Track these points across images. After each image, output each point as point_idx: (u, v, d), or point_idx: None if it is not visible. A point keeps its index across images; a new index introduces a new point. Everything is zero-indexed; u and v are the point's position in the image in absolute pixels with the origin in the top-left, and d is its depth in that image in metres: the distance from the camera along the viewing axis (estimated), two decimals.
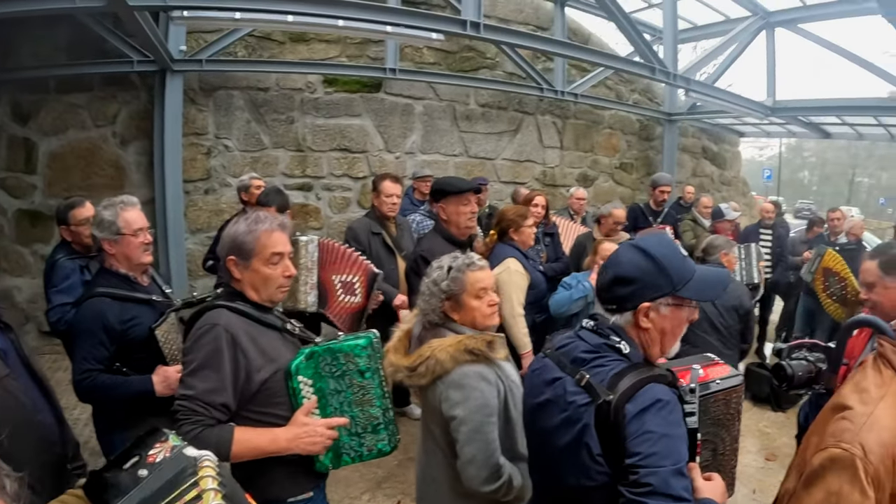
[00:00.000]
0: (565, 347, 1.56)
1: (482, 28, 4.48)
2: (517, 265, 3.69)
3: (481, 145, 7.63)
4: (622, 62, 6.00)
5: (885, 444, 1.16)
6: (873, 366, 1.37)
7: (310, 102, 6.32)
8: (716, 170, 11.54)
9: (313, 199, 6.51)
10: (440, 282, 2.10)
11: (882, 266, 2.49)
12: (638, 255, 1.49)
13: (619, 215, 4.97)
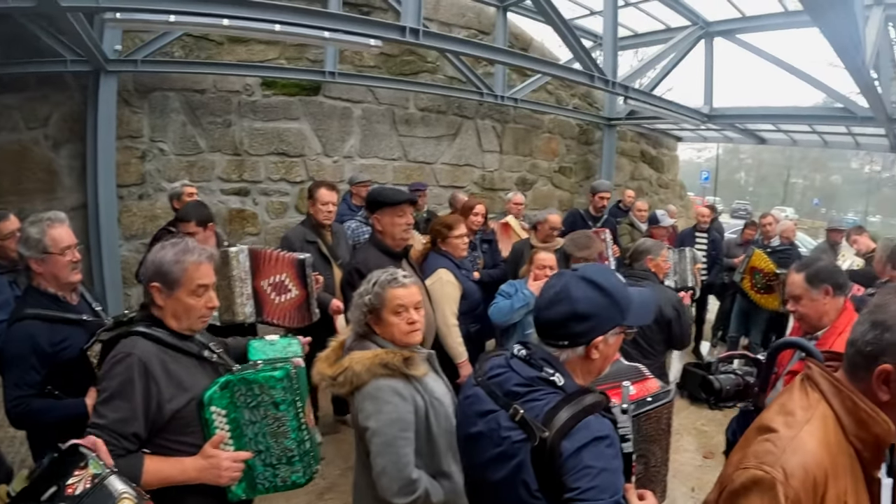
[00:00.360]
0: (498, 378, 1.59)
1: (421, 34, 4.56)
2: (448, 276, 3.83)
3: (420, 149, 7.77)
4: (561, 69, 6.23)
5: (807, 468, 1.19)
6: (800, 388, 1.40)
7: (247, 105, 6.32)
8: (654, 173, 12.09)
9: (250, 204, 6.54)
10: (364, 295, 2.21)
11: (808, 279, 2.66)
12: (592, 290, 1.53)
13: (555, 221, 5.13)
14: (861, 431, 1.24)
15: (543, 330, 1.58)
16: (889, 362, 1.21)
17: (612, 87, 6.23)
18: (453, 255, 4.02)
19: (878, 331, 1.23)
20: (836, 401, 1.28)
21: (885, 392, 1.23)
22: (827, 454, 1.22)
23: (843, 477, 1.23)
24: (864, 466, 1.26)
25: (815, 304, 2.65)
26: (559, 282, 1.58)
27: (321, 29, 4.32)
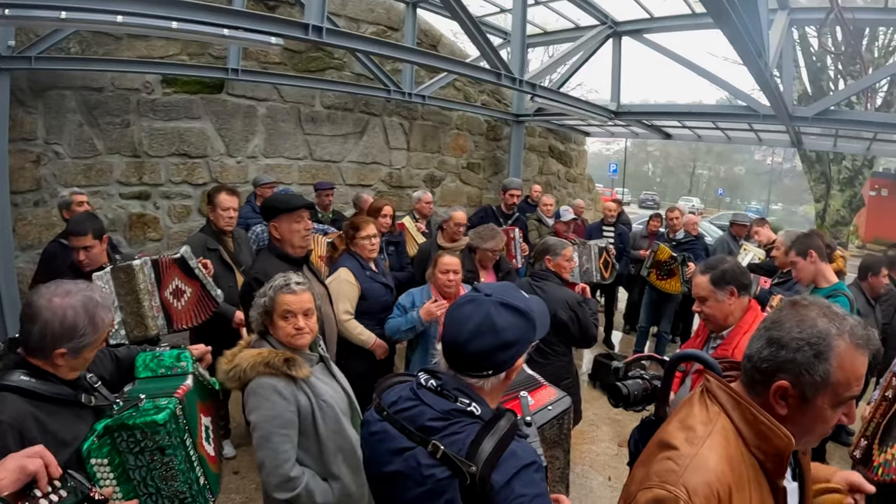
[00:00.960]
0: (408, 412, 1.57)
1: (325, 33, 4.66)
2: (347, 275, 4.08)
3: (326, 148, 7.97)
4: (468, 67, 6.50)
5: (710, 484, 1.25)
6: (700, 401, 1.45)
7: (147, 104, 6.26)
8: (562, 168, 12.81)
9: (151, 208, 6.48)
10: (262, 297, 2.46)
11: (713, 281, 2.84)
12: (514, 315, 1.56)
13: (460, 218, 5.40)
14: (762, 444, 1.33)
15: (466, 364, 1.57)
16: (785, 379, 1.30)
17: (518, 85, 6.50)
18: (361, 256, 4.24)
19: (774, 348, 1.33)
20: (736, 414, 1.37)
21: (783, 406, 1.33)
22: (729, 468, 1.29)
23: (748, 488, 1.31)
24: (768, 476, 1.35)
25: (720, 305, 2.84)
26: (478, 311, 1.56)
27: (220, 26, 4.35)
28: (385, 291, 4.34)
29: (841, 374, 1.28)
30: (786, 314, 1.36)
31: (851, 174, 14.02)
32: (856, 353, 1.29)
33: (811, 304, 1.36)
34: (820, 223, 14.89)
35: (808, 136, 9.83)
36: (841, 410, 1.33)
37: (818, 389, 1.29)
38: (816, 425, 1.34)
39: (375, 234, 4.31)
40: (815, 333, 1.29)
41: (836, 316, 1.32)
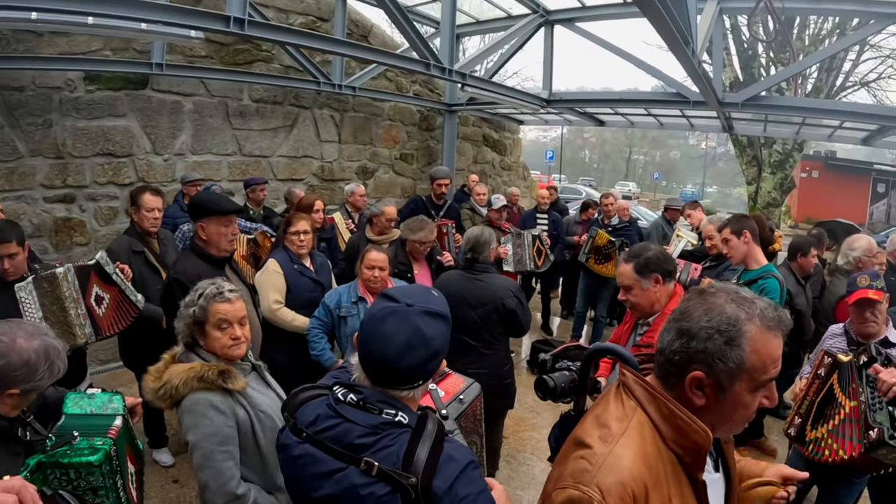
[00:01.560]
0: (331, 431, 1.57)
1: (247, 25, 4.67)
2: (274, 265, 4.30)
3: (256, 142, 8.06)
4: (397, 58, 6.65)
5: (624, 484, 1.28)
6: (615, 396, 1.49)
7: (70, 102, 6.25)
8: (497, 156, 13.24)
9: (77, 211, 6.43)
10: (190, 307, 2.40)
11: (637, 269, 2.98)
12: (439, 322, 1.61)
13: (391, 213, 5.60)
14: (679, 438, 1.36)
15: (396, 379, 1.59)
16: (699, 369, 1.34)
17: (448, 75, 6.68)
18: (293, 252, 4.43)
19: (685, 339, 1.36)
20: (652, 408, 1.41)
21: (700, 397, 1.36)
22: (644, 466, 1.32)
23: (666, 484, 1.34)
24: (687, 470, 1.38)
25: (645, 293, 2.99)
26: (405, 325, 1.57)
27: (137, 20, 4.34)
28: (313, 287, 4.48)
29: (755, 358, 1.32)
30: (693, 303, 1.41)
31: (782, 157, 14.93)
32: (768, 335, 1.34)
33: (718, 291, 1.41)
34: (752, 205, 15.84)
35: (738, 121, 10.38)
36: (761, 394, 1.37)
37: (734, 376, 1.33)
38: (737, 412, 1.38)
39: (306, 230, 4.46)
40: (725, 320, 1.34)
41: (744, 300, 1.37)
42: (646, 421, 1.40)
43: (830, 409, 3.04)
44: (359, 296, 4.12)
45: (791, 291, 4.91)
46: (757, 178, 15.61)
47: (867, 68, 18.74)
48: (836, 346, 3.54)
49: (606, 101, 9.81)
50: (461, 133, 11.67)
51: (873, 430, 2.78)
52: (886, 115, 7.60)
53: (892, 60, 17.83)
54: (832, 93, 16.83)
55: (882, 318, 3.34)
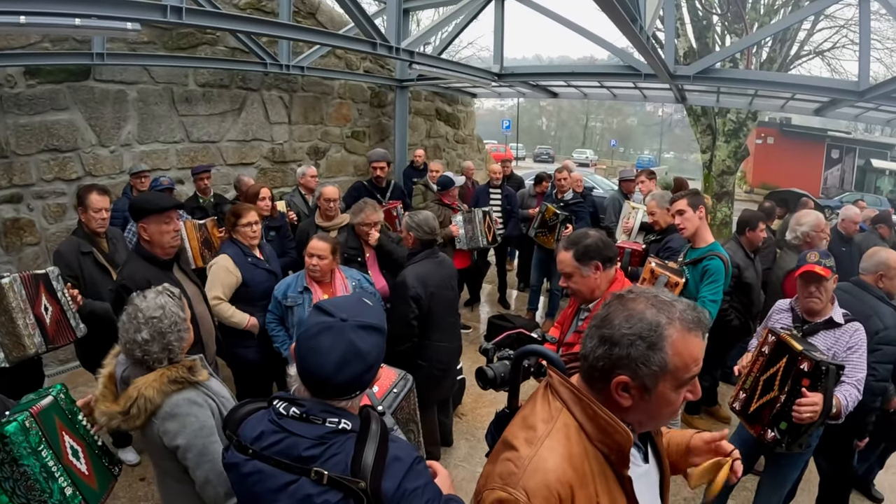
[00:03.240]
0: (277, 446, 1.67)
1: (185, 13, 4.69)
2: (226, 261, 4.37)
3: (204, 128, 8.06)
4: (343, 39, 6.61)
5: (549, 486, 1.35)
6: (542, 397, 1.56)
7: (10, 99, 6.15)
8: (450, 130, 13.44)
9: (25, 210, 6.37)
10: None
11: (576, 257, 3.04)
12: (373, 334, 1.73)
13: (329, 193, 5.62)
14: (604, 438, 1.43)
15: (334, 392, 1.70)
16: (624, 374, 1.40)
17: (396, 54, 6.76)
18: (243, 244, 4.52)
19: (607, 346, 1.41)
20: (577, 409, 1.47)
21: (626, 399, 1.43)
22: (570, 466, 1.40)
23: (592, 482, 1.42)
24: (613, 467, 1.46)
25: (586, 280, 3.06)
26: (340, 341, 1.67)
27: (71, 16, 4.33)
28: (268, 277, 4.58)
29: (678, 359, 1.39)
30: (614, 310, 1.46)
31: (736, 126, 15.34)
32: (689, 336, 1.41)
33: (637, 296, 1.47)
34: (707, 173, 16.32)
35: (691, 92, 10.64)
36: (685, 390, 1.45)
37: (658, 378, 1.39)
38: (662, 409, 1.45)
39: (256, 220, 4.57)
40: (646, 326, 1.39)
41: (664, 304, 1.43)
42: (571, 422, 1.47)
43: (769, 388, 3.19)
44: (304, 286, 4.27)
45: (740, 265, 5.22)
46: (711, 146, 16.05)
47: (822, 38, 19.41)
48: (781, 322, 3.67)
49: (558, 74, 9.94)
50: (413, 108, 11.84)
51: (770, 432, 3.07)
52: (836, 88, 7.85)
53: (847, 30, 18.47)
54: (787, 62, 17.36)
55: (826, 297, 3.44)
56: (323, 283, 4.31)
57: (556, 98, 12.55)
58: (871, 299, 3.78)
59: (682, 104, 12.33)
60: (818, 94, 8.60)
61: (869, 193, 31.29)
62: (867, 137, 36.98)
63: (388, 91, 11.18)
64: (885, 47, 20.70)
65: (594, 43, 8.36)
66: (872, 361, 3.45)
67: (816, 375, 2.93)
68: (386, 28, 6.80)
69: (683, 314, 1.42)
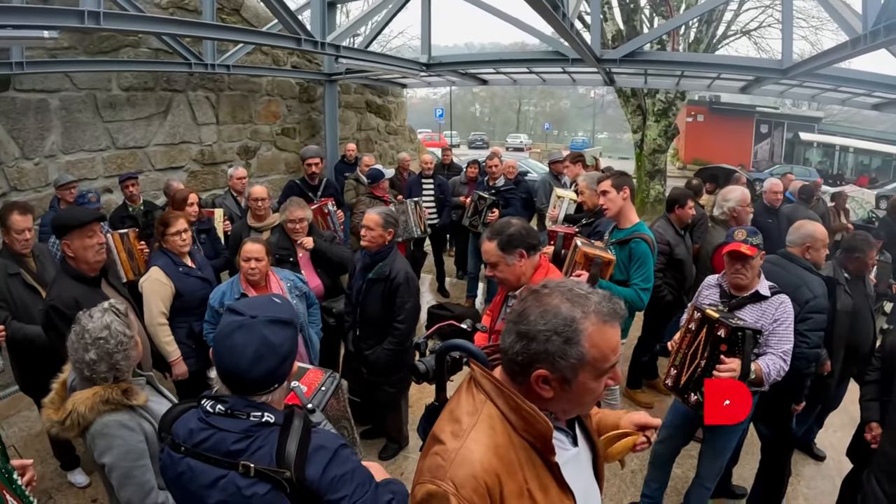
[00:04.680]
0: (207, 442, 1.78)
1: (103, 18, 4.66)
2: (158, 273, 4.36)
3: (130, 134, 7.98)
4: (266, 36, 6.75)
5: (476, 476, 1.41)
6: (467, 390, 1.61)
7: None
8: (381, 121, 13.64)
9: None
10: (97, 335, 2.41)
11: (501, 246, 3.13)
12: (284, 328, 1.85)
13: (257, 193, 5.69)
14: (528, 427, 1.49)
15: (251, 387, 1.82)
16: (543, 367, 1.45)
17: (321, 49, 6.82)
18: (173, 253, 4.51)
19: (525, 342, 1.46)
20: (500, 401, 1.53)
21: (547, 391, 1.49)
22: (495, 457, 1.45)
23: (520, 470, 1.48)
24: (540, 454, 1.52)
25: (511, 269, 3.16)
26: (252, 337, 1.79)
27: None
28: (202, 285, 4.60)
29: (595, 351, 1.44)
30: (529, 305, 1.50)
31: (665, 106, 15.93)
32: (605, 328, 1.45)
33: (552, 291, 1.51)
34: (639, 152, 16.93)
35: (619, 74, 10.93)
36: (606, 377, 1.51)
37: (576, 370, 1.44)
38: (584, 398, 1.52)
39: (185, 228, 4.56)
40: (561, 321, 1.43)
41: (579, 298, 1.48)
42: (495, 413, 1.52)
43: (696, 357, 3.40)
44: (241, 291, 4.29)
45: (671, 242, 5.51)
46: (642, 126, 16.64)
47: (749, 17, 20.37)
48: (710, 298, 3.83)
49: (487, 62, 10.17)
50: (343, 101, 11.96)
51: (693, 395, 3.33)
52: (760, 67, 8.34)
53: (772, 10, 19.35)
54: (714, 43, 18.09)
55: (752, 274, 3.60)
56: (259, 286, 4.35)
57: (486, 85, 12.83)
58: (799, 270, 3.96)
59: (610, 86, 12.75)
60: (743, 73, 9.04)
61: (798, 165, 32.98)
62: (794, 112, 38.95)
63: (316, 86, 11.29)
64: (811, 26, 21.89)
65: (522, 30, 8.63)
66: (804, 329, 3.67)
67: (733, 341, 3.16)
68: (311, 22, 6.84)
69: (599, 307, 1.47)
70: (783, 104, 37.92)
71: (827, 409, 5.07)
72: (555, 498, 1.52)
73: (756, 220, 6.69)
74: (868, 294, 4.74)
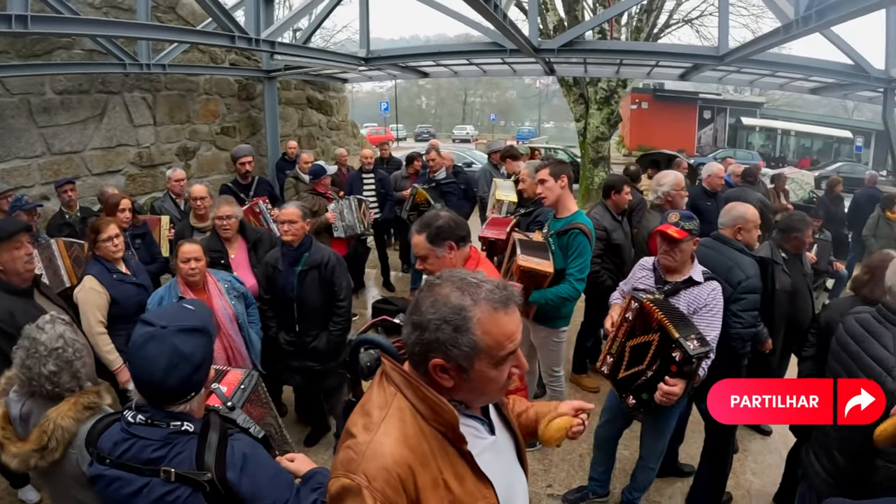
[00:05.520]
0: (129, 452, 1.85)
1: (31, 21, 4.66)
2: (92, 282, 4.29)
3: (66, 138, 7.89)
4: (200, 35, 6.83)
5: (387, 468, 1.42)
6: (379, 384, 1.63)
7: None
8: (323, 117, 13.72)
9: None
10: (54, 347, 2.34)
11: (429, 239, 3.16)
12: (196, 336, 1.90)
13: (197, 192, 5.72)
14: (437, 417, 1.52)
15: (167, 397, 1.87)
16: (437, 356, 1.47)
17: (256, 45, 6.87)
18: (106, 260, 4.45)
19: (419, 332, 1.48)
20: (410, 392, 1.55)
21: (447, 379, 1.51)
22: (406, 448, 1.47)
23: (433, 460, 1.50)
24: (453, 444, 1.54)
25: (441, 261, 3.16)
26: (163, 347, 1.84)
27: None
28: (137, 291, 4.53)
29: (488, 338, 1.46)
30: (422, 296, 1.53)
31: (607, 94, 16.28)
32: (498, 315, 1.47)
33: (444, 281, 1.54)
34: (583, 140, 17.30)
35: (559, 64, 11.08)
36: (508, 365, 1.54)
37: (471, 358, 1.46)
38: (486, 386, 1.54)
39: (117, 233, 4.49)
40: (451, 310, 1.46)
41: (469, 286, 1.50)
42: (406, 405, 1.54)
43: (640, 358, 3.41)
44: (179, 294, 4.23)
45: (608, 228, 5.63)
46: (585, 114, 17.01)
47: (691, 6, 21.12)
48: (644, 281, 3.86)
49: (425, 54, 10.39)
50: (283, 98, 11.98)
51: (632, 399, 3.43)
52: (697, 54, 8.69)
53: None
54: (656, 32, 18.59)
55: (681, 257, 3.62)
56: (197, 287, 4.34)
57: (428, 78, 12.94)
58: (732, 252, 4.02)
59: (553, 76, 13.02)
60: (681, 61, 9.37)
61: (741, 149, 34.09)
62: (737, 98, 40.22)
63: (256, 83, 11.27)
64: (751, 13, 22.62)
65: (460, 22, 8.78)
66: (738, 310, 3.77)
67: (684, 365, 3.16)
68: (245, 19, 6.88)
69: (490, 294, 1.49)
70: (725, 90, 39.13)
71: None
72: (471, 487, 1.55)
73: (695, 204, 6.97)
74: (806, 272, 4.92)
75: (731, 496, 4.60)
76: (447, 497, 1.50)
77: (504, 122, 70.00)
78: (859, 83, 8.52)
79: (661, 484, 4.67)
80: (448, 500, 1.50)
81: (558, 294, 4.39)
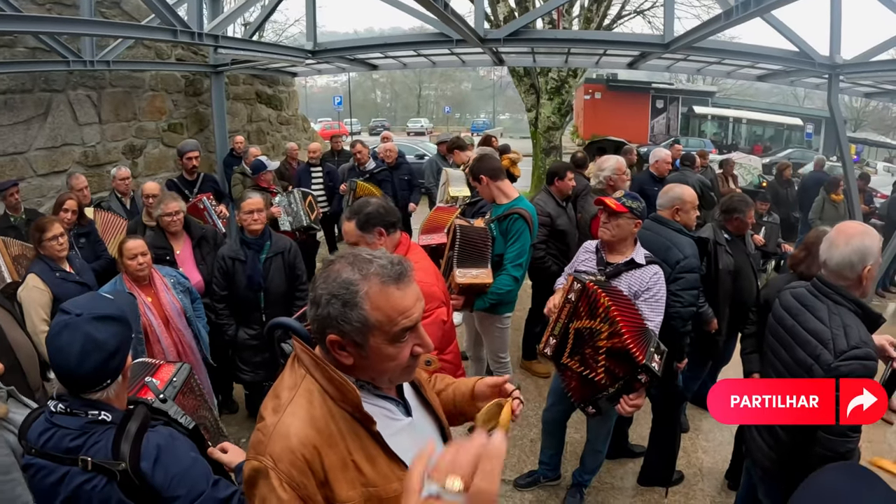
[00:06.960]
0: (50, 441, 1.88)
1: None
2: (35, 281, 4.34)
3: (9, 139, 7.74)
4: (141, 30, 6.85)
5: (292, 449, 1.45)
6: (290, 367, 1.65)
7: None
8: (273, 112, 13.81)
9: None
10: None
11: (359, 226, 3.22)
12: (110, 324, 1.93)
13: (149, 189, 5.83)
14: (343, 397, 1.53)
15: (84, 384, 1.91)
16: (332, 333, 1.49)
17: (199, 40, 6.98)
18: (50, 259, 4.50)
19: (314, 308, 1.51)
20: (318, 373, 1.56)
21: (346, 357, 1.53)
22: (313, 429, 1.49)
23: (342, 440, 1.52)
24: (363, 424, 1.55)
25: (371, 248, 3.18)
26: (77, 335, 1.87)
27: None
28: (79, 290, 4.43)
29: (379, 314, 1.47)
30: (320, 274, 1.55)
31: (558, 84, 16.56)
32: (389, 289, 1.48)
33: (339, 259, 1.55)
34: (534, 130, 17.59)
35: (508, 54, 11.37)
36: (410, 343, 1.55)
37: (364, 333, 1.48)
38: (386, 364, 1.54)
39: (62, 232, 4.54)
40: (340, 284, 1.48)
41: (361, 262, 1.51)
42: (314, 386, 1.55)
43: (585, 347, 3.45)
44: (126, 291, 4.25)
45: (552, 214, 5.75)
46: (536, 104, 17.31)
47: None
48: (586, 264, 3.95)
49: (373, 46, 10.41)
50: (232, 93, 12.02)
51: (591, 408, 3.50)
52: (643, 42, 8.95)
53: None
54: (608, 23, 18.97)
55: (618, 232, 3.71)
56: (143, 285, 4.39)
57: (375, 70, 13.06)
58: (670, 232, 4.13)
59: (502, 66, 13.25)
60: (627, 49, 9.66)
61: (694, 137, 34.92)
62: (689, 87, 41.12)
63: (203, 78, 11.26)
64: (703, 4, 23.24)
65: (406, 13, 8.88)
66: (677, 290, 3.86)
67: (650, 384, 3.30)
68: (188, 13, 6.90)
69: (382, 269, 1.50)
70: (678, 80, 39.93)
71: (718, 364, 5.36)
72: (384, 468, 1.56)
73: (643, 188, 7.20)
74: (749, 252, 5.10)
75: (683, 474, 4.77)
76: (358, 478, 1.53)
77: (459, 114, 70.63)
78: (805, 69, 8.71)
79: (612, 465, 4.84)
80: (360, 482, 1.53)
81: (498, 290, 4.54)
